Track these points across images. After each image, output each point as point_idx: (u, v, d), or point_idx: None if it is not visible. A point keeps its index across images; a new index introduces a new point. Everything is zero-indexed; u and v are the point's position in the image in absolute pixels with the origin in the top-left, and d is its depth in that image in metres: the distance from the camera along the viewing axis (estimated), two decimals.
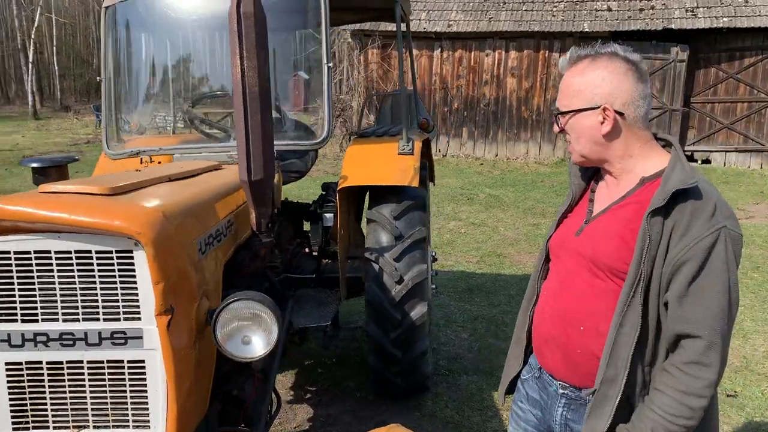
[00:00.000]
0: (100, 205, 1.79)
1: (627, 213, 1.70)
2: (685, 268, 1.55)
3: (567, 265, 1.82)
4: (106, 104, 3.39)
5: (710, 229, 1.55)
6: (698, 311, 1.54)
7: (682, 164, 1.65)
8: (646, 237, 1.58)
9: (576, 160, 1.83)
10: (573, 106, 1.74)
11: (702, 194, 1.59)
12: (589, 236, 1.77)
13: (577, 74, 1.74)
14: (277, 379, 4.51)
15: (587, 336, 1.72)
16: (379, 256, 3.61)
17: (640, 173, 1.73)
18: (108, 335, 1.85)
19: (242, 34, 2.14)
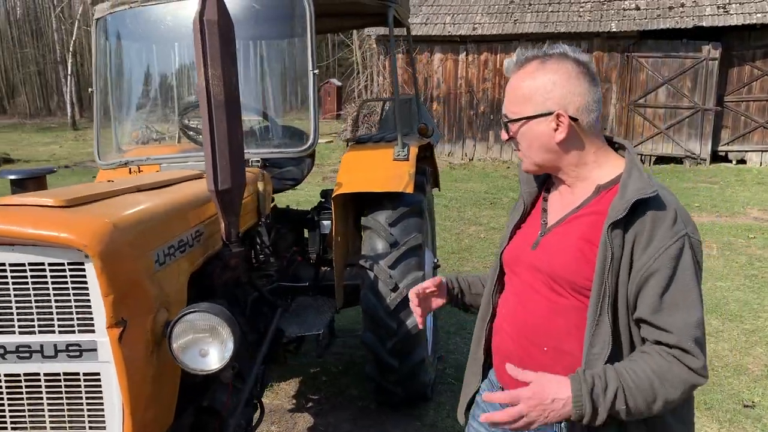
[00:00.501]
0: (51, 218, 1.79)
1: (584, 224, 1.61)
2: (653, 280, 1.47)
3: (524, 279, 1.73)
4: (99, 115, 3.43)
5: (674, 237, 1.47)
6: (677, 322, 1.46)
7: (639, 170, 1.57)
8: (608, 251, 1.50)
9: (528, 169, 1.73)
10: (523, 113, 1.64)
11: (662, 202, 1.52)
12: (546, 250, 1.68)
13: (527, 78, 1.64)
14: (280, 387, 4.50)
15: (550, 356, 1.64)
16: (374, 263, 3.56)
17: (595, 181, 1.65)
18: (63, 347, 1.84)
19: (206, 42, 2.13)
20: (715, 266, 7.06)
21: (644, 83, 14.82)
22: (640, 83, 14.86)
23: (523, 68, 1.65)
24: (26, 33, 38.96)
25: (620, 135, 15.14)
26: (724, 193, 11.38)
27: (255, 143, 3.42)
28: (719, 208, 10.06)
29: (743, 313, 5.69)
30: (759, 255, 7.48)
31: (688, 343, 1.44)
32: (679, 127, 14.67)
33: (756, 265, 7.10)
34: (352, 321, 5.45)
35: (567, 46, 1.66)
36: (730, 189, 11.76)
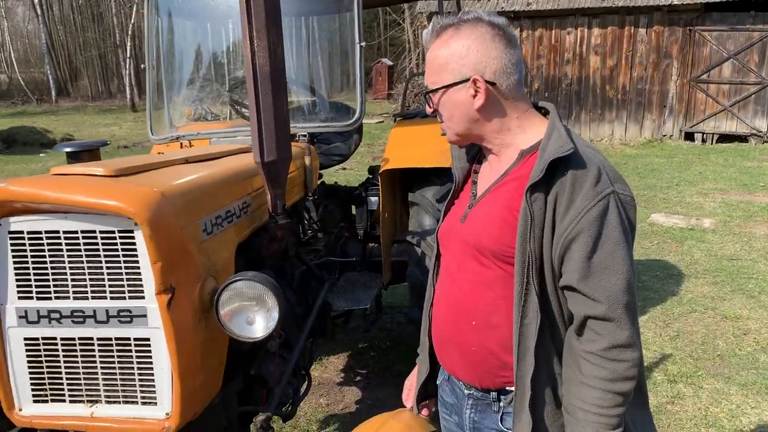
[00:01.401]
0: (101, 186, 1.83)
1: (507, 191, 1.55)
2: (576, 244, 1.40)
3: (455, 255, 1.66)
4: (151, 91, 3.50)
5: (597, 197, 1.40)
6: (604, 289, 1.39)
7: (558, 131, 1.49)
8: (528, 215, 1.44)
9: (451, 140, 1.67)
10: (441, 82, 1.58)
11: (582, 160, 1.44)
12: (472, 221, 1.62)
13: (442, 46, 1.57)
14: (329, 360, 4.55)
15: (480, 330, 1.58)
16: (421, 239, 3.54)
17: (519, 146, 1.59)
18: (115, 313, 1.90)
19: (251, 13, 2.13)
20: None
21: (707, 58, 14.20)
22: (702, 58, 14.25)
23: (439, 37, 1.58)
24: (88, 18, 40.06)
25: (681, 112, 14.61)
26: None
27: (302, 118, 3.43)
28: None
29: None
30: None
31: (617, 311, 1.39)
32: (745, 103, 14.03)
33: None
34: (400, 298, 5.46)
35: (481, 11, 1.59)
36: None
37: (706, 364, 4.31)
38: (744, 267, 6.19)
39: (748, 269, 6.13)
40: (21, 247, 1.89)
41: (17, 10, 44.71)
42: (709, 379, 4.11)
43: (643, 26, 14.50)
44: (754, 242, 7.00)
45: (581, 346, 1.45)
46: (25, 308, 1.93)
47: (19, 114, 26.37)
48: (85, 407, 1.98)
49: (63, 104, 33.29)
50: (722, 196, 9.18)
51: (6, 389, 1.98)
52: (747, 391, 3.95)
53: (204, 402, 2.05)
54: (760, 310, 5.16)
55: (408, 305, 5.11)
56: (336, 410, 3.94)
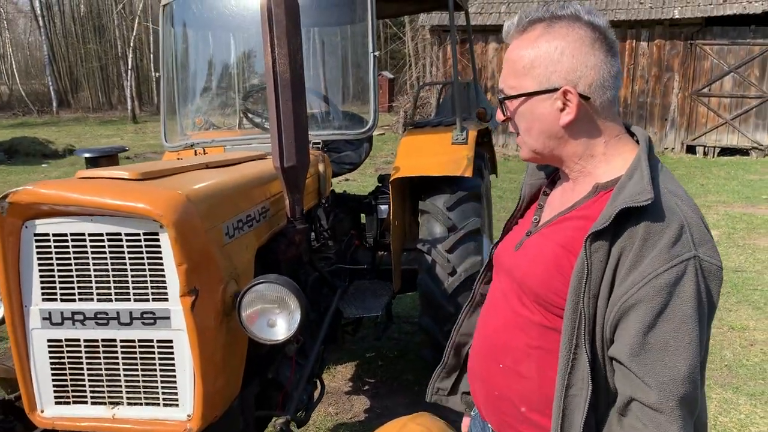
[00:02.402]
0: (127, 189, 1.85)
1: (569, 229, 1.33)
2: (635, 313, 1.17)
3: (502, 286, 1.49)
4: (165, 100, 3.53)
5: (671, 261, 1.15)
6: (658, 374, 1.16)
7: (642, 172, 1.25)
8: (585, 267, 1.22)
9: (525, 156, 1.43)
10: (522, 88, 1.34)
11: (662, 212, 1.20)
12: (525, 254, 1.42)
13: (529, 45, 1.33)
14: (337, 369, 4.55)
15: (506, 376, 1.41)
16: (432, 247, 3.56)
17: (597, 178, 1.35)
18: (138, 315, 1.92)
19: (273, 21, 2.17)
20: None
21: (708, 72, 14.31)
22: (704, 72, 14.36)
23: (526, 33, 1.34)
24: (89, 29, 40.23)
25: (682, 126, 14.69)
26: None
27: (316, 126, 3.46)
28: None
29: None
30: None
31: (670, 403, 1.15)
32: (746, 117, 14.12)
33: None
34: (407, 307, 5.47)
35: (580, 6, 1.32)
36: None
37: (714, 374, 4.32)
38: (749, 278, 6.21)
39: (753, 281, 6.15)
40: (46, 249, 1.91)
41: (18, 22, 44.94)
42: (717, 389, 4.11)
43: (645, 40, 14.61)
44: (758, 254, 7.03)
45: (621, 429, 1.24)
46: (49, 310, 1.95)
47: (20, 125, 26.43)
48: (107, 409, 1.99)
49: (64, 115, 33.36)
50: (725, 209, 9.21)
51: (29, 391, 1.99)
52: (755, 401, 3.96)
53: (225, 404, 2.06)
54: (767, 321, 5.18)
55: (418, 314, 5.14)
56: (345, 419, 3.94)
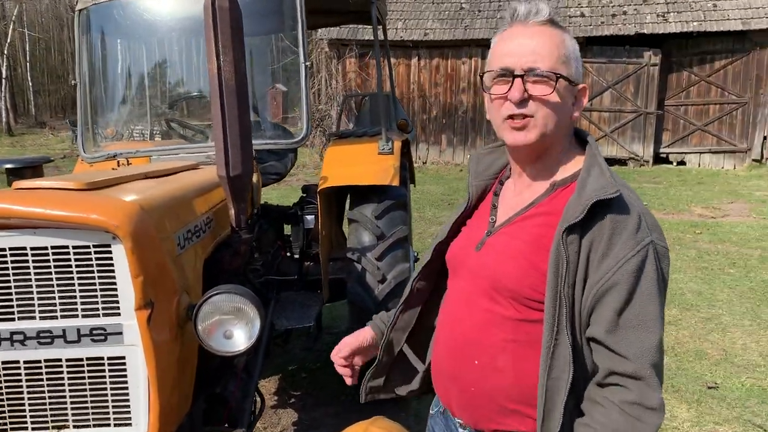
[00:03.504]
0: (76, 200, 1.77)
1: (534, 226, 1.42)
2: (610, 296, 1.29)
3: (465, 285, 1.53)
4: (82, 109, 3.36)
5: (636, 247, 1.29)
6: (634, 346, 1.28)
7: (600, 167, 1.38)
8: (563, 259, 1.31)
9: (530, 139, 1.41)
10: (561, 71, 1.39)
11: (625, 204, 1.33)
12: (490, 253, 1.48)
13: (561, 38, 1.41)
14: (261, 384, 4.46)
15: (482, 371, 1.45)
16: (362, 256, 3.60)
17: (554, 176, 1.47)
18: (87, 332, 1.82)
19: (218, 28, 2.14)
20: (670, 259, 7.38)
21: (589, 87, 15.15)
22: None
23: (551, 27, 1.42)
24: None
25: None
26: (669, 192, 11.88)
27: None
28: (666, 207, 10.51)
29: (698, 302, 5.98)
30: (707, 249, 7.86)
31: (647, 370, 1.27)
32: (623, 130, 15.23)
33: (705, 258, 7.46)
34: (327, 318, 5.45)
35: None
36: (673, 189, 12.29)
37: None
38: None
39: None
40: None
41: None
42: None
43: None
44: None
45: (603, 393, 1.32)
46: None
47: None
48: None
49: None
50: None
51: None
52: None
53: (178, 421, 2.00)
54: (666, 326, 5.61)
55: (342, 323, 5.14)
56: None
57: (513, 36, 1.44)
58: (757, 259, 7.39)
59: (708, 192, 11.89)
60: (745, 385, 4.33)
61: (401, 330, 1.75)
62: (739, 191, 11.99)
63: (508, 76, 1.41)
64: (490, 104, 1.50)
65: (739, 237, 8.42)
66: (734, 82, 14.67)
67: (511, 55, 1.42)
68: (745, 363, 4.68)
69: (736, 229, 8.88)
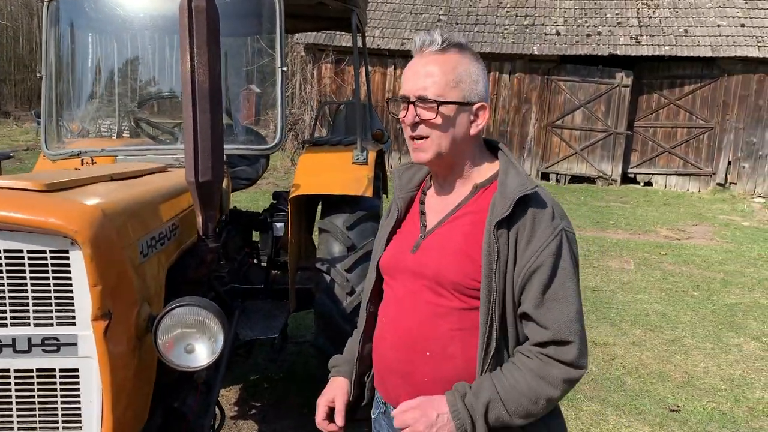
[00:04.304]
0: (33, 202, 1.67)
1: (465, 224, 1.59)
2: (536, 276, 1.48)
3: (404, 285, 1.65)
4: (47, 103, 3.23)
5: (553, 233, 1.50)
6: (555, 318, 1.47)
7: (516, 168, 1.59)
8: (495, 250, 1.49)
9: (425, 159, 1.60)
10: (449, 97, 1.55)
11: (540, 198, 1.54)
12: (427, 253, 1.62)
13: (453, 62, 1.56)
14: (221, 393, 4.35)
15: (435, 361, 1.57)
16: (331, 266, 3.53)
17: (474, 180, 1.65)
18: (39, 341, 1.72)
19: (193, 29, 2.06)
20: (634, 280, 7.46)
21: (562, 105, 15.51)
22: (558, 105, 15.54)
23: (446, 54, 1.56)
24: None
25: (538, 154, 15.77)
26: (635, 212, 12.05)
27: None
28: (632, 226, 10.65)
29: (662, 324, 6.03)
30: (672, 270, 7.97)
31: (565, 335, 1.47)
32: (593, 148, 15.44)
33: (670, 279, 7.56)
34: (291, 327, 5.36)
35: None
36: (640, 209, 12.47)
37: (582, 387, 4.63)
38: (605, 297, 6.76)
39: (609, 299, 6.70)
40: None
41: None
42: (586, 401, 4.41)
43: (507, 72, 15.57)
44: (611, 275, 7.67)
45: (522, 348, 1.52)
46: None
47: None
48: None
49: None
50: (579, 233, 9.93)
51: None
52: (620, 412, 4.28)
53: None
54: (623, 337, 5.65)
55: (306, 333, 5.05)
56: None
57: (411, 65, 1.61)
58: (719, 282, 7.50)
59: (673, 214, 12.09)
60: (707, 408, 4.36)
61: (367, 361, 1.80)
62: (704, 214, 12.22)
63: (405, 102, 1.58)
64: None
65: (702, 260, 8.55)
66: (702, 107, 14.99)
67: (406, 83, 1.60)
68: (707, 386, 4.72)
69: (699, 251, 9.02)
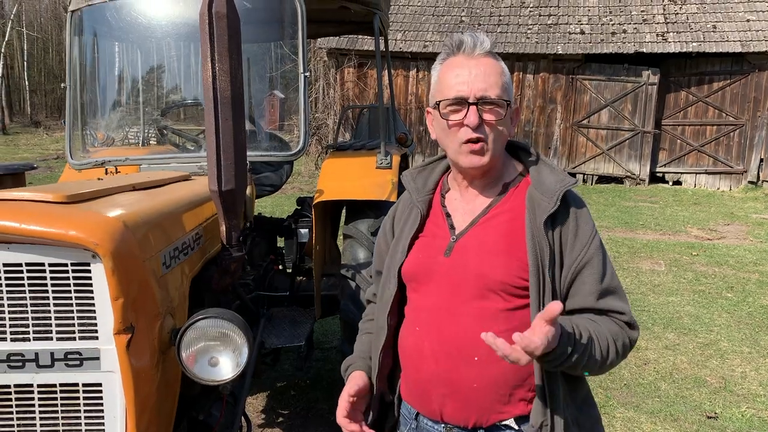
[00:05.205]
0: (54, 214, 1.65)
1: (501, 223, 1.57)
2: (588, 270, 1.51)
3: (440, 291, 1.56)
4: (71, 112, 3.24)
5: (593, 228, 1.55)
6: (623, 303, 1.55)
7: (549, 165, 1.61)
8: (543, 246, 1.49)
9: (486, 162, 1.55)
10: (507, 98, 1.55)
11: (576, 194, 1.58)
12: (465, 255, 1.56)
13: (500, 67, 1.57)
14: (248, 401, 4.33)
15: (483, 366, 1.50)
16: (356, 273, 3.48)
17: (503, 179, 1.64)
18: (62, 356, 1.70)
19: (214, 35, 2.03)
20: (665, 282, 7.29)
21: (587, 105, 15.31)
22: (583, 105, 15.34)
23: (491, 57, 1.57)
24: None
25: (564, 154, 15.58)
26: (665, 212, 11.82)
27: None
28: (662, 227, 10.44)
29: (696, 327, 5.87)
30: (704, 271, 7.77)
31: (633, 318, 1.55)
32: (620, 148, 15.20)
33: (702, 281, 7.37)
34: (317, 333, 5.33)
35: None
36: (669, 208, 12.23)
37: (614, 393, 4.51)
38: (636, 300, 6.60)
39: (640, 302, 6.54)
40: None
41: None
42: (620, 408, 4.29)
43: (531, 72, 15.41)
44: (641, 277, 7.51)
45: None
46: None
47: None
48: None
49: None
50: (608, 234, 9.80)
51: None
52: (655, 419, 4.16)
53: None
54: (656, 341, 5.51)
55: (333, 339, 5.01)
56: None
57: (461, 65, 1.56)
58: (754, 283, 7.30)
59: (704, 213, 11.83)
60: (746, 415, 4.22)
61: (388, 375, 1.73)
62: (736, 213, 11.94)
63: (462, 104, 1.53)
64: (443, 130, 1.59)
65: (736, 260, 8.33)
66: (732, 104, 14.67)
67: (463, 84, 1.53)
68: (745, 392, 4.57)
69: (733, 251, 8.80)
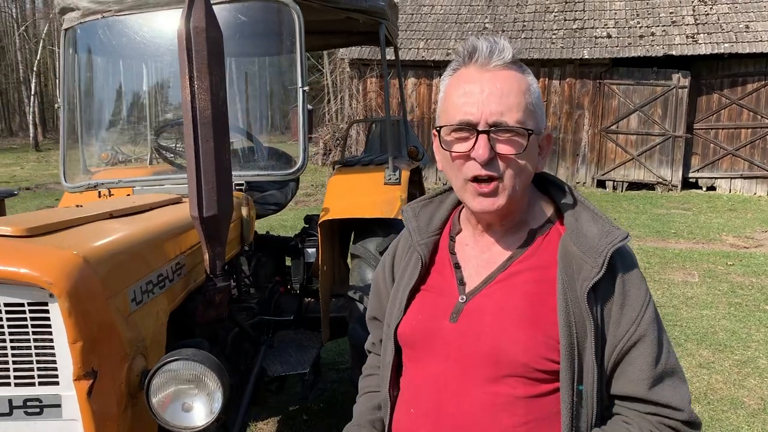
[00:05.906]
0: (8, 249, 1.52)
1: (525, 283, 1.23)
2: (638, 350, 1.20)
3: (445, 364, 1.26)
4: (65, 134, 3.15)
5: (646, 293, 1.22)
6: (681, 395, 1.21)
7: (592, 212, 1.26)
8: (585, 321, 1.17)
9: (498, 206, 1.21)
10: (530, 125, 1.20)
11: (626, 249, 1.23)
12: (475, 322, 1.24)
13: (526, 84, 1.22)
14: (258, 426, 4.19)
15: None
16: (364, 294, 3.31)
17: (528, 224, 1.29)
18: (20, 403, 1.56)
19: (192, 51, 1.90)
20: (699, 294, 6.97)
21: (616, 110, 14.95)
22: (611, 110, 14.99)
23: (514, 70, 1.22)
24: None
25: (593, 161, 15.23)
26: (698, 219, 11.42)
27: (239, 165, 3.17)
28: (695, 235, 10.06)
29: (732, 343, 5.56)
30: (740, 282, 7.42)
31: (693, 414, 1.21)
32: (651, 153, 14.80)
33: (739, 293, 7.03)
34: (332, 353, 5.17)
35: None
36: (703, 215, 11.82)
37: None
38: (668, 314, 6.30)
39: (672, 316, 6.25)
40: None
41: None
42: None
43: (557, 78, 15.13)
44: (673, 289, 7.19)
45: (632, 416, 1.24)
46: None
47: None
48: None
49: None
50: (638, 243, 9.47)
51: None
52: None
53: None
54: (689, 358, 5.22)
55: (344, 361, 4.84)
56: None
57: (472, 80, 1.22)
58: None
59: (740, 220, 11.40)
60: None
61: None
62: None
63: (470, 131, 1.20)
64: (447, 161, 1.26)
65: None
66: (767, 105, 14.18)
67: (472, 106, 1.19)
68: None
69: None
